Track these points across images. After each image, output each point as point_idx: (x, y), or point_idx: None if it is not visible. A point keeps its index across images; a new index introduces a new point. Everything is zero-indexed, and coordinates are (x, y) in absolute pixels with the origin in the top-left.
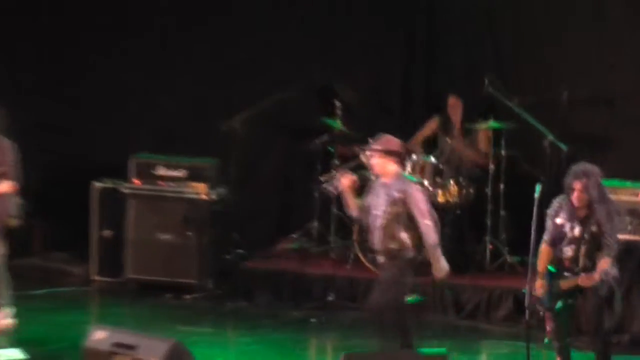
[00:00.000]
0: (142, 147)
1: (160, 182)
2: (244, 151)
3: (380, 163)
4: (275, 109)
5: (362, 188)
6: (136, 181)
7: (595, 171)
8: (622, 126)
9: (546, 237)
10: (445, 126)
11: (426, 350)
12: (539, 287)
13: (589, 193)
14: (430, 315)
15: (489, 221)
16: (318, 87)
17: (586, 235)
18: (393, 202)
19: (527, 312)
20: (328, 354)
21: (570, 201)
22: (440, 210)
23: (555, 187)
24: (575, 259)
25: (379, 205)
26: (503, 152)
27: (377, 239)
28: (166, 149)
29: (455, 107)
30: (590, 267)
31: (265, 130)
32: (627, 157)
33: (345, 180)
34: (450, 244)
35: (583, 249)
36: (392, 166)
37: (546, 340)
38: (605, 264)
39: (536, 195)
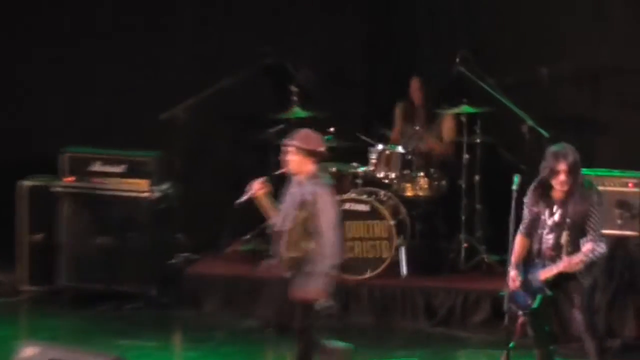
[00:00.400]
0: (76, 141)
1: (96, 179)
2: (189, 143)
3: (297, 161)
4: (223, 96)
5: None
6: (69, 178)
7: (576, 152)
8: (610, 107)
9: (522, 226)
10: (410, 112)
11: None
12: (513, 279)
13: (575, 175)
14: (399, 322)
15: (464, 216)
16: (271, 70)
17: (568, 220)
18: (303, 204)
19: (506, 316)
20: None
21: (547, 185)
22: (410, 206)
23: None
24: (557, 246)
25: (289, 207)
26: (478, 140)
27: (281, 244)
28: (102, 142)
29: (418, 90)
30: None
31: (212, 120)
32: (616, 143)
33: (257, 186)
34: (421, 242)
35: (565, 234)
36: (309, 165)
37: (511, 344)
38: (589, 247)
39: (514, 187)
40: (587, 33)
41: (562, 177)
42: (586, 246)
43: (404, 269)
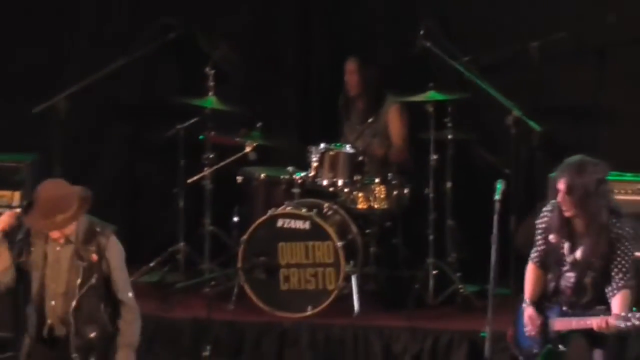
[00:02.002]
0: None
1: None
2: (73, 143)
3: (69, 228)
4: (116, 81)
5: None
6: None
7: (593, 168)
8: (619, 91)
9: (534, 254)
10: (350, 103)
11: None
12: (532, 319)
13: (576, 199)
14: None
15: (432, 235)
16: (177, 48)
17: (593, 259)
18: (90, 267)
19: None
20: None
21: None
22: (362, 222)
23: (525, 185)
24: (579, 289)
25: (61, 278)
26: (449, 136)
27: (60, 325)
28: None
29: (354, 74)
30: (596, 302)
31: (103, 112)
32: (627, 137)
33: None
34: (378, 269)
35: (590, 275)
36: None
37: None
38: (623, 300)
39: (497, 196)
40: None
41: (560, 195)
42: (619, 299)
43: (355, 304)
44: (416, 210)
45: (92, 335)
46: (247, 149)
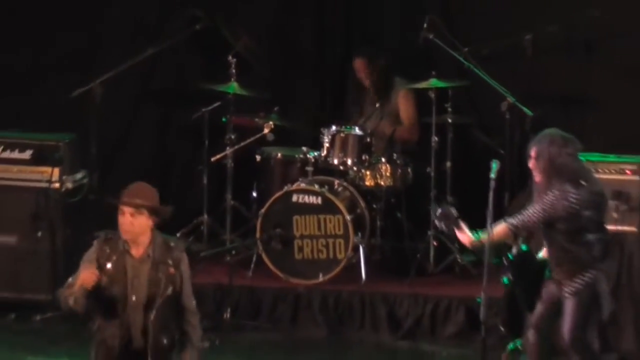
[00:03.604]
0: None
1: None
2: (107, 125)
3: (140, 223)
4: (147, 68)
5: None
6: None
7: (563, 141)
8: (605, 80)
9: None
10: (362, 88)
11: None
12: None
13: (540, 162)
14: (357, 335)
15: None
16: (203, 38)
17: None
18: (168, 279)
19: (482, 327)
20: None
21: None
22: (369, 197)
23: (518, 164)
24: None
25: (141, 291)
26: (449, 120)
27: (138, 335)
28: (3, 124)
29: (363, 71)
30: (560, 260)
31: (134, 97)
32: (612, 122)
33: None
34: (383, 241)
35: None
36: (150, 227)
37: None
38: (498, 229)
39: (492, 175)
40: None
41: (530, 163)
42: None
43: (362, 273)
44: (419, 187)
45: (165, 342)
46: (265, 131)
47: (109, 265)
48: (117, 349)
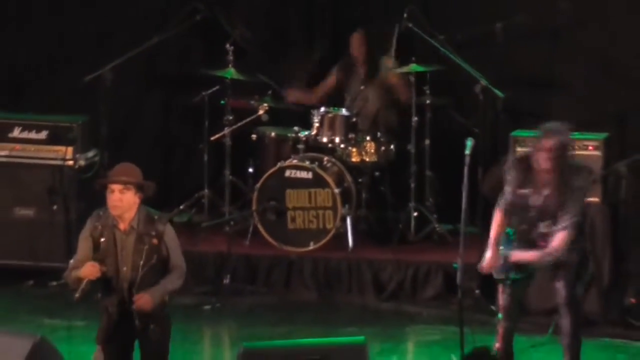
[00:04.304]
0: None
1: (16, 147)
2: (117, 107)
3: (128, 199)
4: (152, 55)
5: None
6: None
7: (567, 132)
8: (570, 65)
9: (503, 203)
10: (351, 71)
11: (342, 339)
12: (490, 260)
13: (557, 157)
14: (345, 297)
15: (413, 184)
16: (203, 27)
17: (551, 206)
18: (151, 249)
19: (459, 290)
20: (224, 346)
21: (532, 163)
22: (355, 172)
23: (491, 142)
24: (543, 233)
25: (128, 261)
26: (428, 101)
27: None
28: (20, 107)
29: (361, 45)
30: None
31: (141, 81)
32: (575, 103)
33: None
34: (368, 212)
35: (546, 220)
36: (136, 203)
37: (499, 315)
38: (559, 241)
39: (467, 151)
40: None
41: (544, 155)
42: (557, 239)
43: (349, 241)
44: (400, 163)
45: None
46: (260, 112)
47: (102, 239)
48: (115, 314)
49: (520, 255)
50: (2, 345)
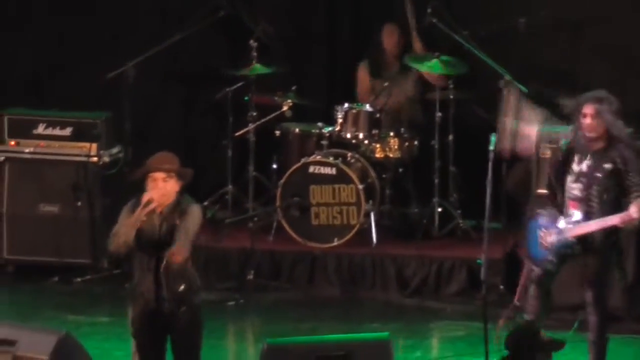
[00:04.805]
0: (14, 101)
1: (40, 143)
2: (140, 104)
3: (172, 186)
4: (175, 52)
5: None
6: (11, 142)
7: (612, 98)
8: (593, 60)
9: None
10: (379, 65)
11: (366, 335)
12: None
13: (603, 118)
14: (369, 293)
15: (437, 179)
16: (225, 24)
17: (598, 174)
18: (173, 229)
19: (483, 286)
20: (248, 342)
21: (580, 129)
22: (379, 168)
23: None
24: (585, 199)
25: (158, 242)
26: (451, 96)
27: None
28: (45, 103)
29: (394, 36)
30: (604, 213)
31: (164, 78)
32: None
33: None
34: (392, 208)
35: (595, 189)
36: (176, 191)
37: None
38: (635, 209)
39: (491, 147)
40: None
41: (588, 120)
42: (632, 207)
43: (373, 237)
44: (424, 158)
45: (181, 288)
46: (284, 108)
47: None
48: (152, 302)
49: (581, 228)
50: (28, 340)
